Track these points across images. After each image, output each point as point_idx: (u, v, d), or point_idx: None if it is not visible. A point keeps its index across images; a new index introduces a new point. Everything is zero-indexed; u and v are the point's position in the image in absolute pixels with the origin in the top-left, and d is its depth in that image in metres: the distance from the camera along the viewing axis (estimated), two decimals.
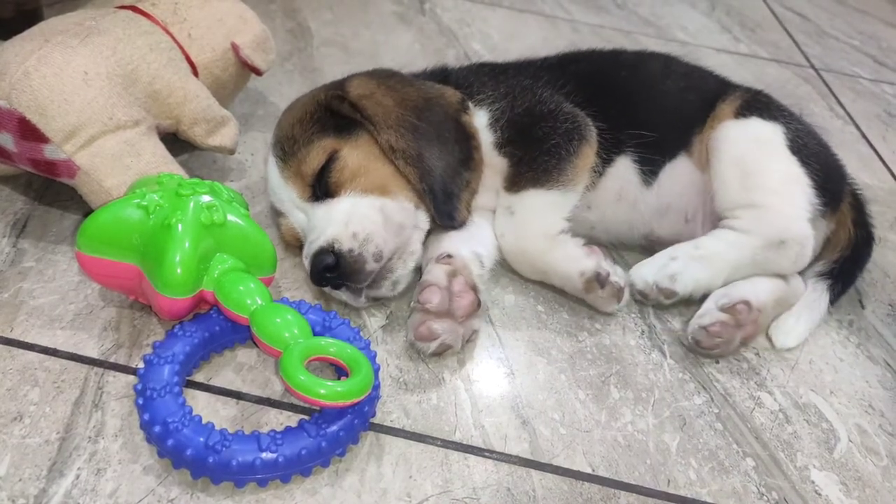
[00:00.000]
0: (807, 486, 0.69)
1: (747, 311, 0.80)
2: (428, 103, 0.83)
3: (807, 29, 1.82)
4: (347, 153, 0.78)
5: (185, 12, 0.87)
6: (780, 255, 0.84)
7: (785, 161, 0.87)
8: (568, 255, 0.82)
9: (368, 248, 0.74)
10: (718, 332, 0.79)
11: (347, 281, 0.74)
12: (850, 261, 0.91)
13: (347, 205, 0.76)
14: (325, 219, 0.76)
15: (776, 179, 0.86)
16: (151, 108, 0.80)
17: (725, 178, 0.86)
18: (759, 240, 0.84)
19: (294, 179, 0.79)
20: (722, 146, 0.88)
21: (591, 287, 0.81)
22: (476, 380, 0.74)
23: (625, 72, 0.96)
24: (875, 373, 0.84)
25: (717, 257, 0.84)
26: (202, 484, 0.59)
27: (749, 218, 0.85)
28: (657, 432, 0.72)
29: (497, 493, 0.64)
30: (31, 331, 0.70)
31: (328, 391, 0.59)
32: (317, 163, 0.78)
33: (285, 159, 0.79)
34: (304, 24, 1.37)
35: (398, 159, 0.78)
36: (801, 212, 0.85)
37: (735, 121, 0.89)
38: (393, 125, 0.79)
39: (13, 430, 0.61)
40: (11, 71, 0.72)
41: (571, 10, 1.66)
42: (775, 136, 0.88)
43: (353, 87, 0.82)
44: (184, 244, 0.64)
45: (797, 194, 0.86)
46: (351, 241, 0.73)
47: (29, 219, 0.82)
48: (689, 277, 0.83)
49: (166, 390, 0.61)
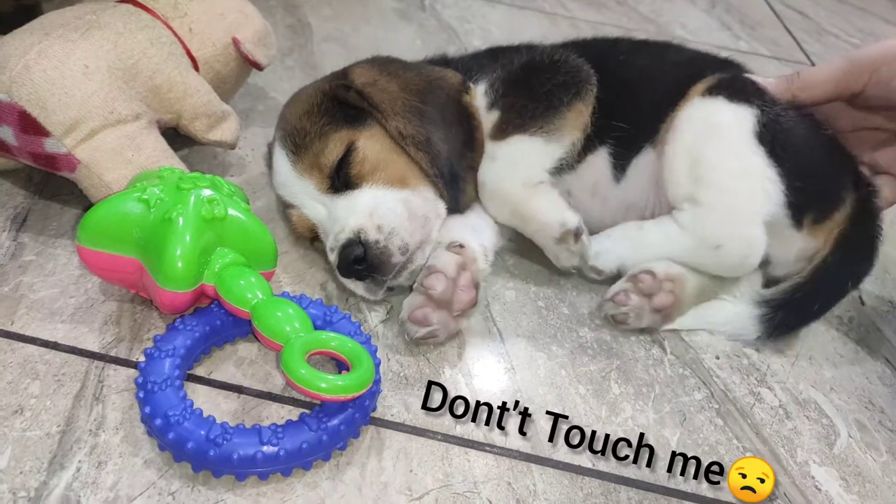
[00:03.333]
0: (807, 481, 0.69)
1: (650, 279, 0.78)
2: (430, 86, 0.83)
3: (807, 27, 1.82)
4: (364, 144, 0.78)
5: (186, 7, 0.87)
6: (716, 259, 0.79)
7: (743, 152, 0.78)
8: (553, 203, 0.80)
9: (394, 241, 0.74)
10: (622, 301, 0.79)
11: (374, 273, 0.74)
12: (807, 291, 0.80)
13: (370, 197, 0.76)
14: (348, 210, 0.76)
15: (727, 173, 0.79)
16: (152, 103, 0.80)
17: (674, 166, 0.80)
18: (694, 241, 0.79)
19: (310, 172, 0.78)
20: (677, 128, 0.81)
21: (566, 238, 0.79)
22: (476, 374, 0.74)
23: (621, 57, 0.92)
24: (875, 369, 0.84)
25: (651, 245, 0.81)
26: (203, 477, 0.59)
27: (690, 214, 0.79)
28: (657, 427, 0.72)
29: (498, 487, 0.64)
30: (31, 324, 0.70)
31: (329, 385, 0.59)
32: (335, 155, 0.77)
33: (298, 152, 0.79)
34: (304, 19, 1.36)
35: (408, 146, 0.78)
36: (750, 214, 0.78)
37: (699, 99, 0.81)
38: (400, 111, 0.78)
39: (14, 423, 0.61)
40: (12, 64, 0.72)
41: (571, 8, 1.66)
42: (739, 121, 0.79)
43: (357, 75, 0.82)
44: (185, 238, 0.64)
45: (750, 193, 0.78)
46: (376, 233, 0.73)
47: (29, 213, 0.82)
48: (613, 255, 0.82)
49: (167, 384, 0.61)
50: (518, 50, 0.91)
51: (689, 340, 0.82)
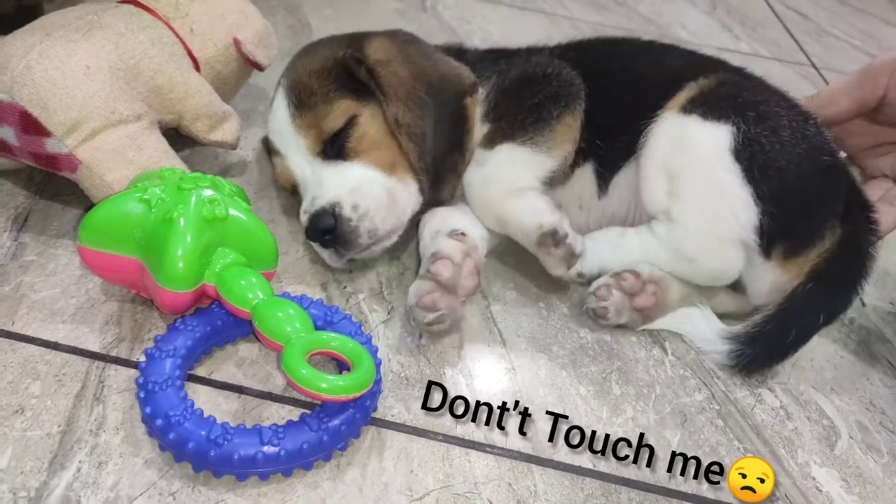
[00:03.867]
0: (808, 482, 0.69)
1: (633, 278, 0.79)
2: (442, 80, 0.83)
3: (807, 28, 1.82)
4: (366, 121, 0.79)
5: (187, 7, 0.87)
6: (691, 270, 0.80)
7: (716, 168, 0.76)
8: (532, 206, 0.79)
9: (365, 223, 0.76)
10: (603, 295, 0.79)
11: (339, 246, 0.76)
12: (778, 324, 0.76)
13: (358, 174, 0.78)
14: (332, 180, 0.78)
15: (700, 190, 0.77)
16: (153, 103, 0.80)
17: (651, 179, 0.80)
18: (669, 254, 0.80)
19: (307, 131, 0.80)
20: (651, 143, 0.80)
21: (544, 242, 0.77)
22: (477, 375, 0.74)
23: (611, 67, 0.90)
24: (876, 370, 0.84)
25: (631, 253, 0.82)
26: (204, 477, 0.59)
27: (665, 228, 0.80)
28: (658, 428, 0.72)
29: (498, 488, 0.64)
30: (32, 324, 0.70)
31: (330, 385, 0.59)
32: (336, 124, 0.79)
33: (300, 108, 0.80)
34: (305, 20, 1.37)
35: (402, 134, 0.79)
36: (724, 233, 0.76)
37: (675, 115, 0.80)
38: (403, 99, 0.79)
39: (14, 423, 0.61)
40: (13, 65, 0.72)
41: (572, 8, 1.66)
42: (714, 139, 0.76)
43: (373, 49, 0.82)
44: (185, 238, 0.64)
45: (721, 211, 0.76)
46: (351, 211, 0.75)
47: (30, 213, 0.82)
48: (595, 258, 0.82)
49: (168, 384, 0.61)
50: (518, 54, 0.91)
51: (690, 342, 0.82)
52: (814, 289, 0.75)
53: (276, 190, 0.93)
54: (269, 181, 0.94)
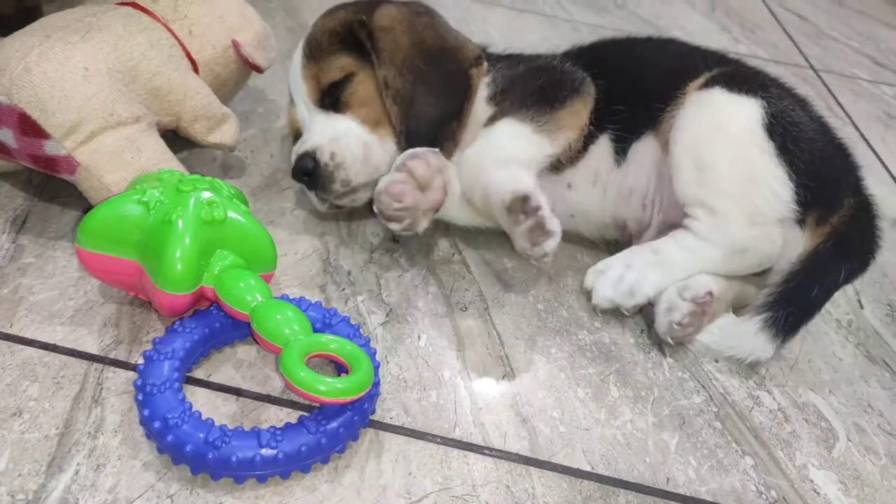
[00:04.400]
0: (805, 484, 0.69)
1: (711, 301, 0.78)
2: (442, 51, 0.86)
3: (806, 30, 1.82)
4: (361, 80, 0.84)
5: (186, 9, 0.87)
6: (742, 262, 0.79)
7: (749, 148, 0.76)
8: (514, 175, 0.76)
9: (339, 173, 0.82)
10: (691, 323, 0.78)
11: (316, 188, 0.83)
12: (802, 279, 0.76)
13: (342, 126, 0.84)
14: (319, 128, 0.84)
15: (734, 176, 0.77)
16: (152, 105, 0.80)
17: (680, 167, 0.79)
18: (721, 249, 0.78)
19: (310, 81, 0.86)
20: (679, 126, 0.80)
21: (514, 208, 0.74)
22: (475, 377, 0.74)
23: (627, 52, 0.94)
24: (874, 372, 0.84)
25: (677, 265, 0.79)
26: (202, 480, 0.59)
27: (707, 223, 0.78)
28: (656, 430, 0.72)
29: (496, 490, 0.64)
30: (30, 326, 0.70)
31: (328, 388, 0.59)
32: (333, 76, 0.85)
33: (309, 59, 0.86)
34: (304, 22, 1.37)
35: (388, 96, 0.82)
36: (768, 213, 0.77)
37: (697, 94, 0.80)
38: (397, 64, 0.83)
39: (12, 426, 0.61)
40: (12, 66, 0.72)
41: (571, 10, 1.67)
42: (743, 114, 0.77)
43: (381, 16, 0.86)
44: (184, 240, 0.64)
45: (760, 193, 0.76)
46: (327, 158, 0.81)
47: (29, 215, 0.82)
48: (648, 287, 0.79)
49: (166, 386, 0.61)
50: (531, 57, 0.93)
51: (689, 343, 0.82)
52: (834, 247, 0.77)
53: (275, 192, 0.93)
54: (268, 183, 0.94)
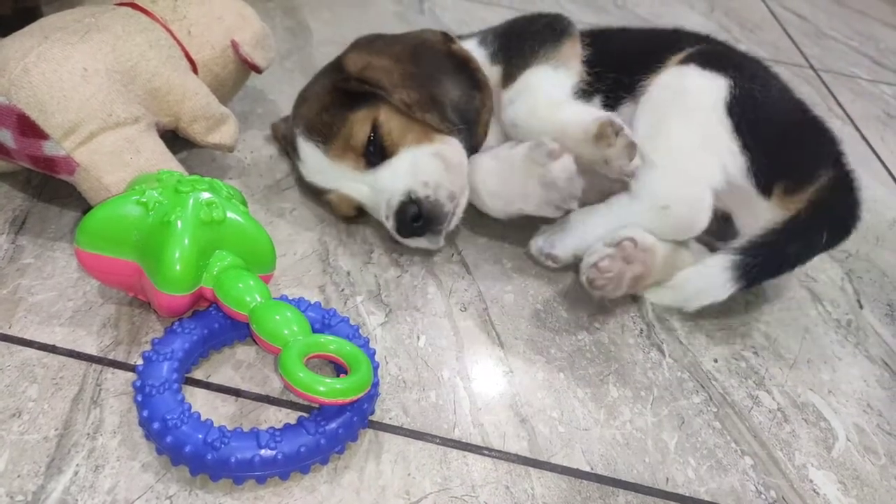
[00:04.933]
0: (805, 484, 0.69)
1: (633, 246, 0.79)
2: (416, 49, 0.87)
3: (805, 30, 1.82)
4: (386, 118, 0.83)
5: (185, 9, 0.87)
6: (663, 220, 0.80)
7: (708, 121, 0.80)
8: (580, 109, 0.82)
9: (441, 192, 0.80)
10: (608, 267, 0.78)
11: (430, 225, 0.80)
12: (779, 237, 0.79)
13: (408, 160, 0.82)
14: (392, 177, 0.81)
15: (683, 138, 0.81)
16: (151, 106, 0.80)
17: (639, 125, 0.83)
18: (643, 203, 0.81)
19: (344, 156, 0.84)
20: (650, 91, 0.84)
21: (604, 133, 0.77)
22: (475, 378, 0.74)
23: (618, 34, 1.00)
24: (873, 372, 0.84)
25: (602, 220, 0.83)
26: (201, 481, 0.59)
27: (642, 179, 0.81)
28: (656, 431, 0.72)
29: (496, 490, 0.64)
30: (29, 327, 0.70)
31: (327, 388, 0.59)
32: (364, 134, 0.82)
33: (328, 142, 0.84)
34: (303, 22, 1.37)
35: (416, 112, 0.82)
36: (701, 178, 0.79)
37: (674, 68, 0.85)
38: (398, 83, 0.83)
39: (11, 427, 0.61)
40: (11, 67, 0.72)
41: (570, 10, 1.66)
42: (709, 89, 0.81)
43: (350, 64, 0.86)
44: (183, 241, 0.64)
45: (706, 162, 0.80)
46: (425, 189, 0.79)
47: (28, 215, 0.82)
48: (571, 242, 0.83)
49: (165, 387, 0.61)
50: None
51: (688, 343, 0.82)
52: (814, 213, 0.80)
53: (274, 193, 0.93)
54: (267, 184, 0.94)
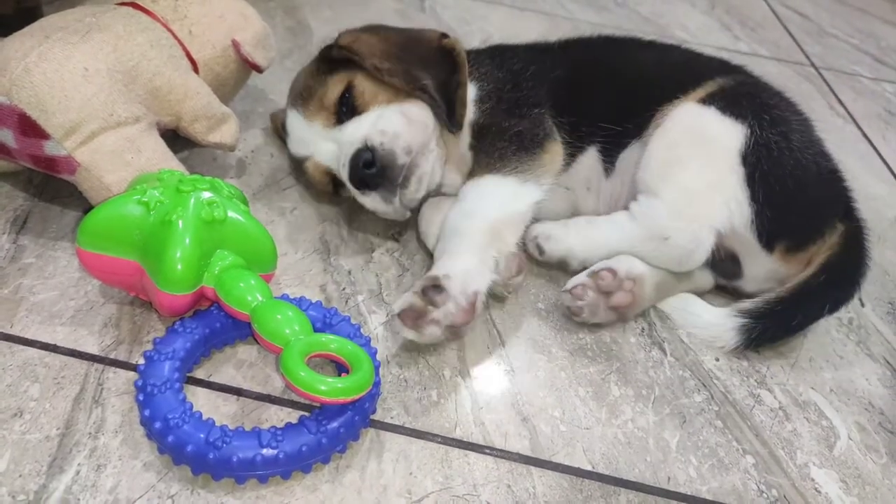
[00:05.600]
0: (806, 483, 0.69)
1: (611, 277, 0.79)
2: (409, 41, 0.89)
3: (807, 27, 1.82)
4: (361, 81, 0.85)
5: (186, 9, 0.87)
6: (661, 251, 0.80)
7: (722, 167, 0.79)
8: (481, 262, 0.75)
9: (398, 142, 0.79)
10: (580, 294, 0.79)
11: (383, 175, 0.79)
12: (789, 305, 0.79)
13: (374, 114, 0.83)
14: (355, 129, 0.82)
15: (694, 180, 0.80)
16: (152, 105, 0.80)
17: (651, 158, 0.82)
18: (643, 231, 0.81)
19: (318, 114, 0.85)
20: (666, 126, 0.83)
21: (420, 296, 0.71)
22: (476, 377, 0.74)
23: (613, 60, 0.95)
24: (875, 371, 0.84)
25: (600, 235, 0.83)
26: (202, 480, 0.59)
27: (644, 205, 0.81)
28: (657, 429, 0.72)
29: (497, 489, 0.64)
30: (31, 327, 0.70)
31: (329, 387, 0.59)
32: (336, 92, 0.84)
33: (306, 104, 0.86)
34: (304, 21, 1.37)
35: (384, 76, 0.83)
36: (705, 219, 0.79)
37: (692, 105, 0.83)
38: (378, 55, 0.85)
39: (13, 426, 0.61)
40: (12, 67, 0.72)
41: (571, 9, 1.66)
42: (727, 136, 0.80)
43: (343, 37, 0.89)
44: (184, 241, 0.64)
45: (713, 204, 0.79)
46: (381, 136, 0.79)
47: (29, 215, 0.82)
48: (563, 244, 0.84)
49: (167, 386, 0.61)
50: (515, 55, 0.93)
51: (689, 342, 0.82)
52: (825, 281, 0.79)
53: (275, 192, 0.93)
54: (268, 183, 0.94)
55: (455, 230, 0.78)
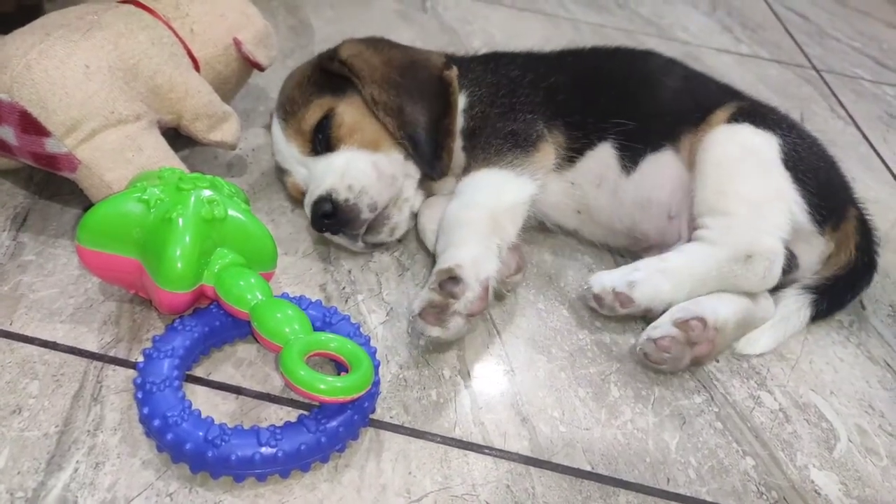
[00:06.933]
0: (806, 485, 0.69)
1: (701, 328, 0.75)
2: (413, 64, 0.88)
3: (808, 30, 1.82)
4: (343, 110, 0.84)
5: (188, 7, 0.87)
6: (746, 270, 0.79)
7: (772, 174, 0.84)
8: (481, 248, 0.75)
9: (363, 199, 0.80)
10: (667, 347, 0.74)
11: (344, 228, 0.81)
12: (844, 282, 0.87)
13: (344, 159, 0.83)
14: (323, 171, 0.82)
15: (756, 190, 0.83)
16: (153, 103, 0.80)
17: (704, 179, 0.83)
18: (725, 252, 0.79)
19: (295, 137, 0.86)
20: (708, 148, 0.85)
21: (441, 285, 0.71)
22: (476, 377, 0.73)
23: (620, 65, 0.98)
24: (875, 373, 0.84)
25: (681, 270, 0.79)
26: (201, 478, 0.59)
27: (718, 228, 0.81)
28: (657, 431, 0.72)
29: (496, 490, 0.63)
30: (30, 324, 0.70)
31: (328, 386, 0.59)
32: (314, 119, 0.84)
33: (287, 119, 0.86)
34: (305, 20, 1.37)
35: (379, 111, 0.84)
36: (776, 229, 0.81)
37: (727, 125, 0.86)
38: (378, 81, 0.84)
39: (12, 423, 0.61)
40: (13, 64, 0.72)
41: (573, 10, 1.66)
42: (767, 146, 0.85)
43: (344, 49, 0.89)
44: (184, 239, 0.64)
45: (777, 210, 0.82)
46: (347, 192, 0.80)
47: (29, 212, 0.82)
48: (650, 287, 0.78)
49: (166, 384, 0.61)
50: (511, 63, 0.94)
51: None
52: (861, 259, 0.88)
53: (276, 191, 0.93)
54: (269, 182, 0.94)
55: (456, 221, 0.78)
